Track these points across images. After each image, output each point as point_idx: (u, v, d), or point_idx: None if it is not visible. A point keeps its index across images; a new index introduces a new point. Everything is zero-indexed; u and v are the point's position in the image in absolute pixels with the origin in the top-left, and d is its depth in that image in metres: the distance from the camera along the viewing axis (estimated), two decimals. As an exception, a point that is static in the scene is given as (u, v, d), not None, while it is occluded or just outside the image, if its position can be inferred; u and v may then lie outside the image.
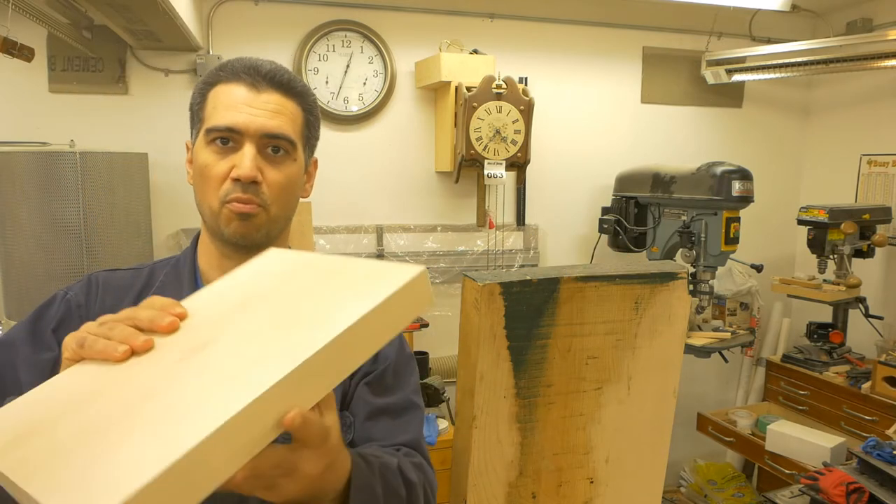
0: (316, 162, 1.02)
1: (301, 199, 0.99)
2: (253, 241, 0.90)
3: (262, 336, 0.57)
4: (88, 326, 0.64)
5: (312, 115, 0.95)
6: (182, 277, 0.95)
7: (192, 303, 0.67)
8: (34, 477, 0.46)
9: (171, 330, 0.61)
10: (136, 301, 0.92)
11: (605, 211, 3.18)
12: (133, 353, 0.59)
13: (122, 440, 0.47)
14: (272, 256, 0.75)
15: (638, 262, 1.54)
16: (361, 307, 0.56)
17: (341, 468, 0.70)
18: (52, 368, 0.85)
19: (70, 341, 0.63)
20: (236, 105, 0.87)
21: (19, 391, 0.83)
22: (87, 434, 0.50)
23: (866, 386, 2.74)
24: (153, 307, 0.64)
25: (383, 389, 0.95)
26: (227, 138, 0.87)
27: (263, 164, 0.88)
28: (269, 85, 0.89)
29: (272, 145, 0.89)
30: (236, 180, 0.86)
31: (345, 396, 0.95)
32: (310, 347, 0.52)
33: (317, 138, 0.99)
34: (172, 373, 0.55)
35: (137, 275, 0.97)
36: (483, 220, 3.08)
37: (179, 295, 0.92)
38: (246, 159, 0.86)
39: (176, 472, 0.44)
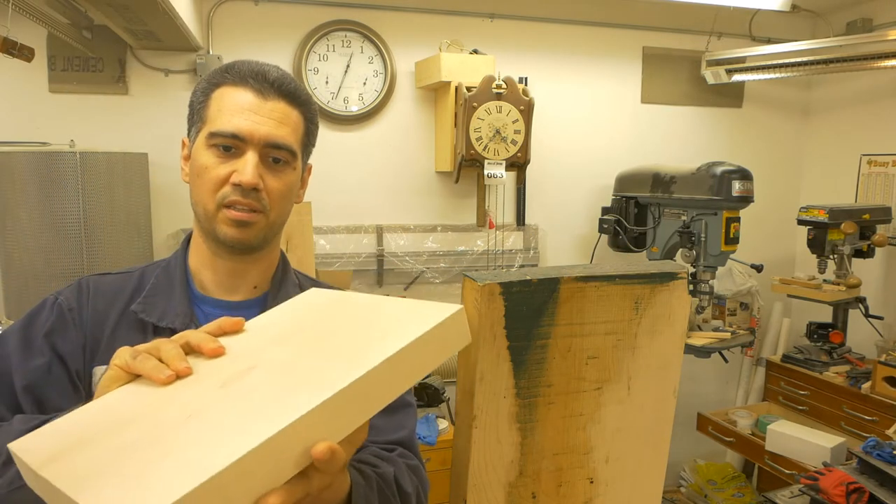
0: (310, 168, 1.02)
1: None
2: (249, 245, 0.90)
3: (297, 367, 0.59)
4: (139, 347, 0.66)
5: (313, 125, 0.96)
6: (173, 279, 0.94)
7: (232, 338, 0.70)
8: (78, 485, 0.49)
9: (217, 355, 0.64)
10: (126, 305, 0.92)
11: (605, 211, 3.18)
12: (177, 377, 0.61)
13: (159, 459, 0.50)
14: (311, 295, 0.77)
15: (638, 262, 1.54)
16: (395, 344, 0.57)
17: (340, 488, 0.70)
18: (46, 373, 0.85)
19: (125, 353, 0.65)
20: (242, 111, 0.87)
21: (15, 400, 0.83)
22: (128, 451, 0.52)
23: (866, 386, 2.74)
24: (195, 335, 0.66)
25: None
26: (230, 144, 0.87)
27: (264, 172, 0.88)
28: (276, 93, 0.88)
29: (274, 154, 0.89)
30: (237, 185, 0.86)
31: None
32: (341, 380, 0.53)
33: (314, 146, 0.99)
34: (212, 398, 0.57)
35: (128, 278, 0.96)
36: (483, 220, 3.08)
37: (171, 297, 0.92)
38: (249, 166, 0.86)
39: (202, 493, 0.46)
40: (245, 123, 0.86)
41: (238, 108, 0.87)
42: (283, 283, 0.99)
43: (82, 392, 0.87)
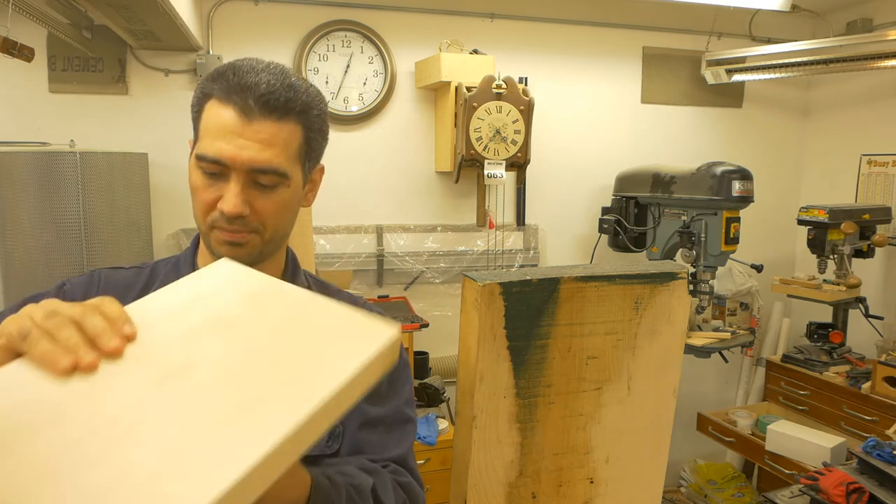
0: (322, 169, 0.98)
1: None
2: (245, 262, 0.89)
3: (244, 377, 0.54)
4: (34, 314, 0.55)
5: (314, 132, 0.89)
6: (182, 277, 0.94)
7: (145, 310, 0.62)
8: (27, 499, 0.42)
9: (116, 355, 0.54)
10: (135, 300, 0.91)
11: (605, 211, 3.18)
12: (75, 368, 0.51)
13: (109, 485, 0.43)
14: (225, 270, 0.71)
15: (638, 262, 1.54)
16: (350, 366, 0.56)
17: (293, 485, 0.68)
18: None
19: (11, 327, 0.54)
20: (224, 134, 0.81)
21: None
22: (61, 466, 0.45)
23: (866, 386, 2.74)
24: (104, 314, 0.57)
25: (377, 398, 0.93)
26: (215, 171, 0.83)
27: (253, 196, 0.84)
28: (262, 111, 0.81)
29: (260, 179, 0.84)
30: (223, 212, 0.83)
31: None
32: (301, 409, 0.51)
33: (322, 149, 0.95)
34: (153, 400, 0.50)
35: (139, 274, 0.96)
36: (483, 220, 3.08)
37: None
38: (231, 195, 0.82)
39: None
40: (227, 148, 0.81)
41: (221, 131, 0.81)
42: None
43: None
